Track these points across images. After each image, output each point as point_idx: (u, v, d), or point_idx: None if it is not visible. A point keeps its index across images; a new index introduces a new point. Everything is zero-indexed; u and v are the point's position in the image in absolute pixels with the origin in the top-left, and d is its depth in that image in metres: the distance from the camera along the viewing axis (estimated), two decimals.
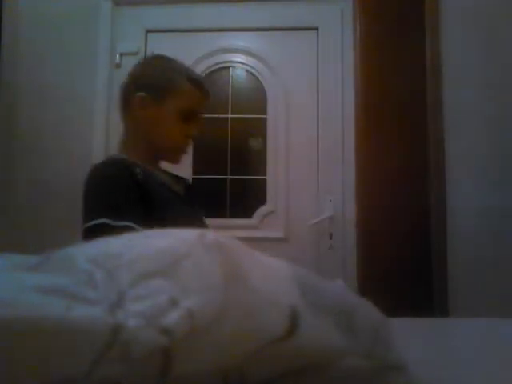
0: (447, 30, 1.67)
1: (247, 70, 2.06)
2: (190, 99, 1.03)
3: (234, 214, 1.91)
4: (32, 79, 1.81)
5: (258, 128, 1.99)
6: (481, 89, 1.65)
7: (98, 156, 2.00)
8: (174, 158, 1.08)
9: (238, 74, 2.07)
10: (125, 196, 0.91)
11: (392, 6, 1.74)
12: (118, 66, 2.06)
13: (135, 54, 2.06)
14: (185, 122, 1.03)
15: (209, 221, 1.18)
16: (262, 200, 1.91)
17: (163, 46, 2.08)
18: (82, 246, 0.29)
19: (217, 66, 2.06)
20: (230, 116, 2.03)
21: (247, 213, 1.91)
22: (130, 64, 2.17)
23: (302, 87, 1.99)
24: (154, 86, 1.03)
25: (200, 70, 2.06)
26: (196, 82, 1.04)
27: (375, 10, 1.76)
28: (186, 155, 1.09)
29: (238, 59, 2.05)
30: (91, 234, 0.87)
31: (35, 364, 0.22)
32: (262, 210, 1.90)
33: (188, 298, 0.24)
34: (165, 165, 1.13)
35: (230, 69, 2.07)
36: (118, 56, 2.05)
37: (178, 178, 1.17)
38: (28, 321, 0.22)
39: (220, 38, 2.06)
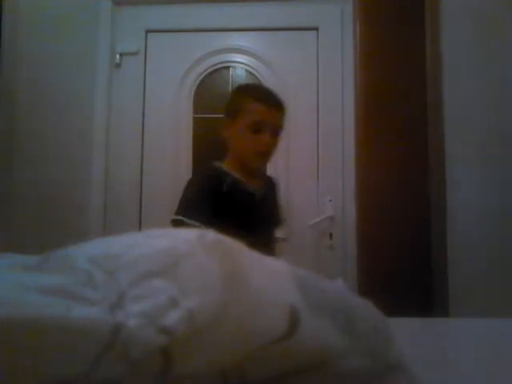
0: (447, 29, 1.67)
1: (247, 70, 2.06)
2: (254, 113, 1.22)
3: None
4: (32, 79, 1.81)
5: None
6: (481, 89, 1.65)
7: (98, 156, 2.01)
8: (253, 164, 1.27)
9: (238, 74, 2.07)
10: (202, 200, 1.17)
11: (392, 6, 1.74)
12: (118, 65, 2.06)
13: (135, 53, 2.07)
14: (255, 133, 1.22)
15: None
16: None
17: (163, 46, 2.08)
18: (82, 246, 0.29)
19: (217, 66, 2.06)
20: None
21: None
22: (130, 64, 2.19)
23: (302, 87, 1.99)
24: (229, 110, 1.29)
25: (200, 70, 2.06)
26: (258, 98, 1.23)
27: (375, 10, 1.76)
28: (270, 158, 1.29)
29: (238, 59, 2.05)
30: (173, 225, 1.15)
31: (35, 364, 0.22)
32: None
33: (188, 298, 0.24)
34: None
35: (230, 69, 2.07)
36: (117, 56, 2.05)
37: (265, 181, 1.39)
38: (28, 321, 0.22)
39: (220, 37, 2.06)
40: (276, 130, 1.25)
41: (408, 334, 0.41)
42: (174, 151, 2.02)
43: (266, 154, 1.26)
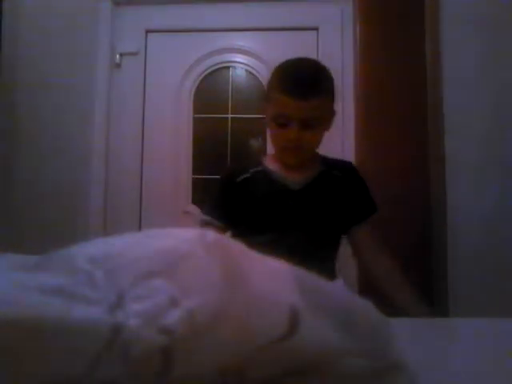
0: (447, 30, 1.67)
1: (247, 70, 2.06)
2: (277, 105, 1.07)
3: None
4: (32, 79, 1.81)
5: (258, 128, 1.99)
6: (481, 89, 1.65)
7: (98, 156, 2.01)
8: (284, 158, 1.15)
9: (238, 73, 2.07)
10: (216, 195, 1.18)
11: (392, 6, 1.74)
12: (118, 65, 2.06)
13: (135, 54, 2.06)
14: (280, 126, 1.08)
15: None
16: None
17: (163, 46, 2.08)
18: (82, 246, 0.29)
19: (217, 66, 2.06)
20: (229, 116, 2.03)
21: None
22: (130, 64, 2.18)
23: None
24: (264, 94, 1.19)
25: (200, 70, 2.06)
26: (283, 87, 1.06)
27: (375, 10, 1.76)
28: (304, 153, 1.12)
29: (238, 59, 2.05)
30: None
31: (35, 364, 0.22)
32: None
33: (188, 297, 0.24)
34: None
35: (230, 69, 2.07)
36: (117, 56, 2.05)
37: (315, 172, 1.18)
38: (28, 321, 0.22)
39: (220, 37, 2.06)
40: (308, 122, 1.05)
41: (408, 334, 0.41)
42: (174, 151, 2.02)
43: (293, 149, 1.09)
